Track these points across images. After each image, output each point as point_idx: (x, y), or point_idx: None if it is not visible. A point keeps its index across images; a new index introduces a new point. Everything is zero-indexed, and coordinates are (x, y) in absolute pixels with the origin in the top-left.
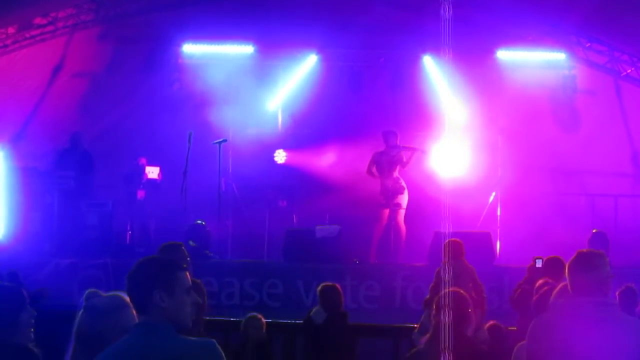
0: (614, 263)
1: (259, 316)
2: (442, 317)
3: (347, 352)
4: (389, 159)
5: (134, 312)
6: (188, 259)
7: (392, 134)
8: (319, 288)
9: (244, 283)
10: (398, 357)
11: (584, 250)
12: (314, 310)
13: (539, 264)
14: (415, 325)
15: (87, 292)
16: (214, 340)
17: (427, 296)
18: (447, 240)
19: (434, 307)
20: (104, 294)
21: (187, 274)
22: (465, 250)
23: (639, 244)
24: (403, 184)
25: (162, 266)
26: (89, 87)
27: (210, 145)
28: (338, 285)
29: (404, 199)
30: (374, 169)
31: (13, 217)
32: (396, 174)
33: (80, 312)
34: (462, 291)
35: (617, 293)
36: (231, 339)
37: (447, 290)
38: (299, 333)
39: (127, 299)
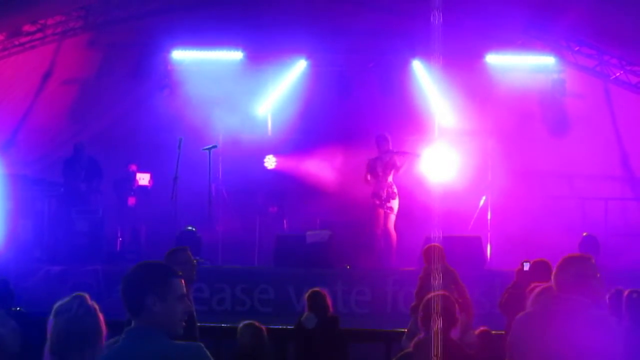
0: (604, 266)
1: (251, 323)
2: (429, 320)
3: (338, 357)
4: (383, 164)
5: (101, 316)
6: (195, 261)
7: (384, 138)
8: (308, 294)
9: (235, 289)
10: None
11: (572, 254)
12: (304, 315)
13: (526, 267)
14: (406, 331)
15: (61, 300)
16: (202, 344)
17: (414, 302)
18: (426, 246)
19: (421, 310)
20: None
21: (182, 281)
22: (445, 254)
23: (629, 247)
24: (395, 190)
25: (156, 271)
26: (79, 93)
27: (200, 152)
28: (324, 290)
29: (395, 204)
30: (369, 177)
31: (3, 224)
32: (390, 179)
33: (52, 318)
34: (448, 294)
35: (607, 297)
36: (223, 345)
37: (433, 294)
38: (290, 338)
39: (93, 302)
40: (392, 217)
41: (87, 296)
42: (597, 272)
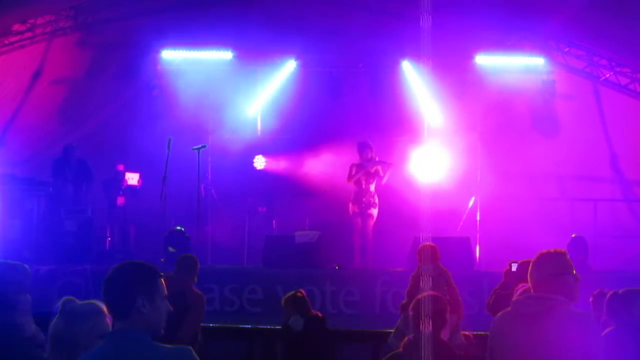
0: (593, 267)
1: None
2: (419, 321)
3: (326, 358)
4: (366, 173)
5: (109, 319)
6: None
7: (367, 145)
8: (287, 299)
9: (224, 289)
10: None
11: (544, 250)
12: (291, 319)
13: (514, 268)
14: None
15: (63, 299)
16: (190, 348)
17: (404, 300)
18: (421, 245)
19: (412, 310)
20: (80, 302)
21: (164, 281)
22: (439, 254)
23: (618, 249)
24: (376, 200)
25: (144, 272)
26: (68, 93)
27: (190, 151)
28: (301, 291)
29: (375, 212)
30: (352, 180)
31: None
32: (372, 188)
33: (56, 317)
34: (439, 295)
35: (590, 299)
36: (210, 346)
37: (424, 294)
38: (278, 338)
39: (103, 306)
40: (371, 223)
41: (101, 305)
42: (572, 268)
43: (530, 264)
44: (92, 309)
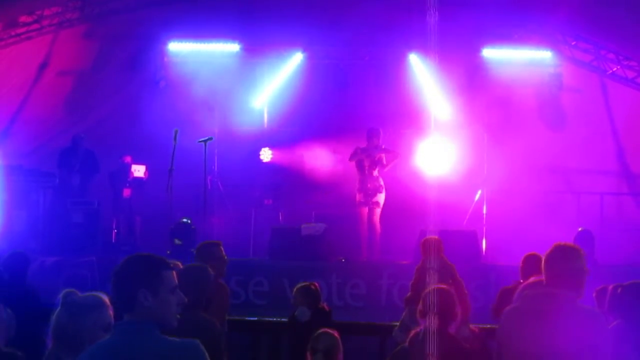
0: (599, 261)
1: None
2: (427, 315)
3: None
4: (370, 159)
5: (111, 311)
6: (225, 257)
7: (376, 132)
8: (297, 288)
9: (230, 281)
10: (384, 355)
11: (561, 243)
12: (297, 309)
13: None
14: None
15: (64, 291)
16: (198, 341)
17: (409, 293)
18: (424, 238)
19: (421, 304)
20: (81, 294)
21: (174, 273)
22: (443, 247)
23: (624, 242)
24: (382, 182)
25: (147, 265)
26: (75, 85)
27: (196, 144)
28: (315, 283)
29: (381, 198)
30: (353, 160)
31: None
32: (376, 173)
33: (58, 310)
34: (447, 288)
35: (593, 294)
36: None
37: (434, 287)
38: (284, 331)
39: (105, 298)
40: (378, 211)
41: (103, 297)
42: (585, 263)
43: (544, 256)
44: (94, 301)
